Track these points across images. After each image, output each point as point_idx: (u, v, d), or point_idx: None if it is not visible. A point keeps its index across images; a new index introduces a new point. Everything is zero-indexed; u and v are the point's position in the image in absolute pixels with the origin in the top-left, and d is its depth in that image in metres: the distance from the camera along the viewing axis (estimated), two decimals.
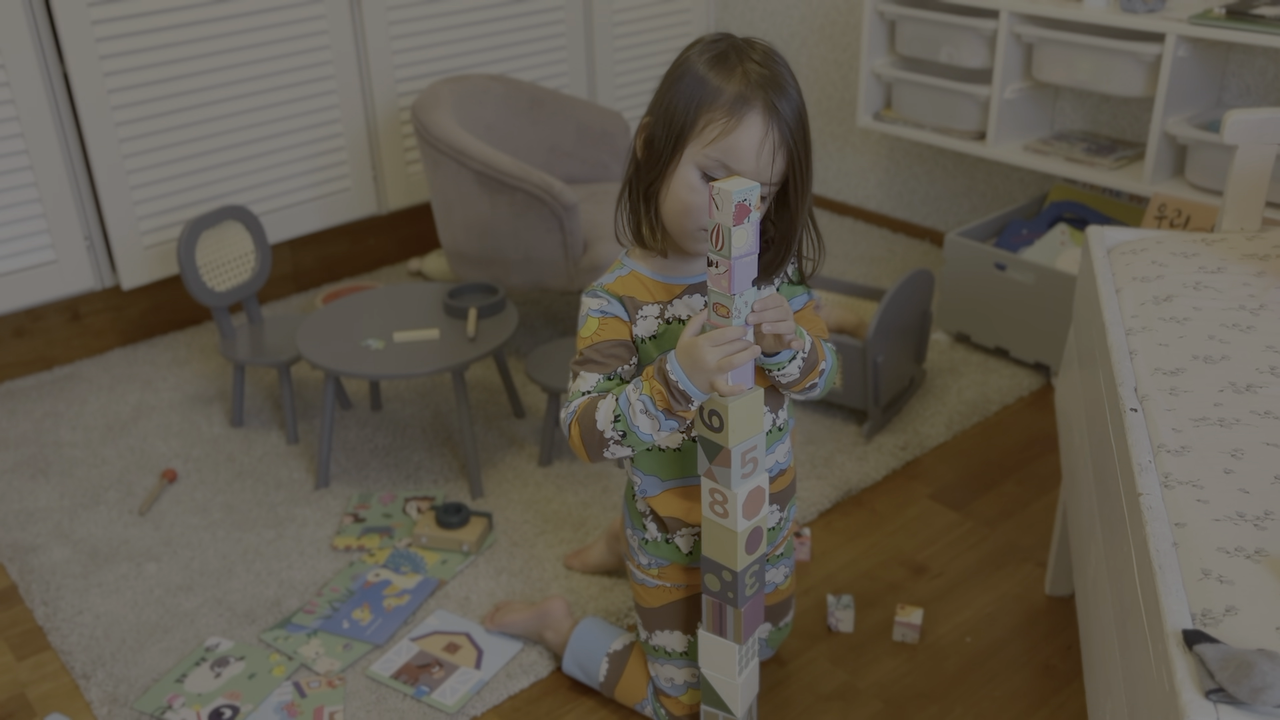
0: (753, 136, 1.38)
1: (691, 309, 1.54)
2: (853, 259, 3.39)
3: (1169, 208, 2.51)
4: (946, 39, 2.91)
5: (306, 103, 3.02)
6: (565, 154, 3.02)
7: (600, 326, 1.52)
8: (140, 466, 2.49)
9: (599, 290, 1.55)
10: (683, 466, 1.62)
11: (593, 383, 1.50)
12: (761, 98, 1.38)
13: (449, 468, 2.47)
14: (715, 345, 1.37)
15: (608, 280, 1.56)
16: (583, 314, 1.56)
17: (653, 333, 1.54)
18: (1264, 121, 1.79)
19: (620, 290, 1.54)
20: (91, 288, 2.87)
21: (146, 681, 1.91)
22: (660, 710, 1.77)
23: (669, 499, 1.65)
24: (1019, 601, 2.05)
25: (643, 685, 1.80)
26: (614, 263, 1.60)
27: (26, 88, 2.62)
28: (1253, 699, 0.93)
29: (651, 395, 1.41)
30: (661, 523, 1.67)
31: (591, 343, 1.52)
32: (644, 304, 1.53)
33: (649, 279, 1.54)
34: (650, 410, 1.41)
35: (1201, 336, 1.49)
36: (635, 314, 1.54)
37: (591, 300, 1.55)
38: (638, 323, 1.54)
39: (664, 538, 1.69)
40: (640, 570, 1.74)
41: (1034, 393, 2.69)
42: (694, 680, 1.75)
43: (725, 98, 1.38)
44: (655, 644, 1.76)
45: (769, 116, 1.38)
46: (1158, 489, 1.22)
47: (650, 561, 1.71)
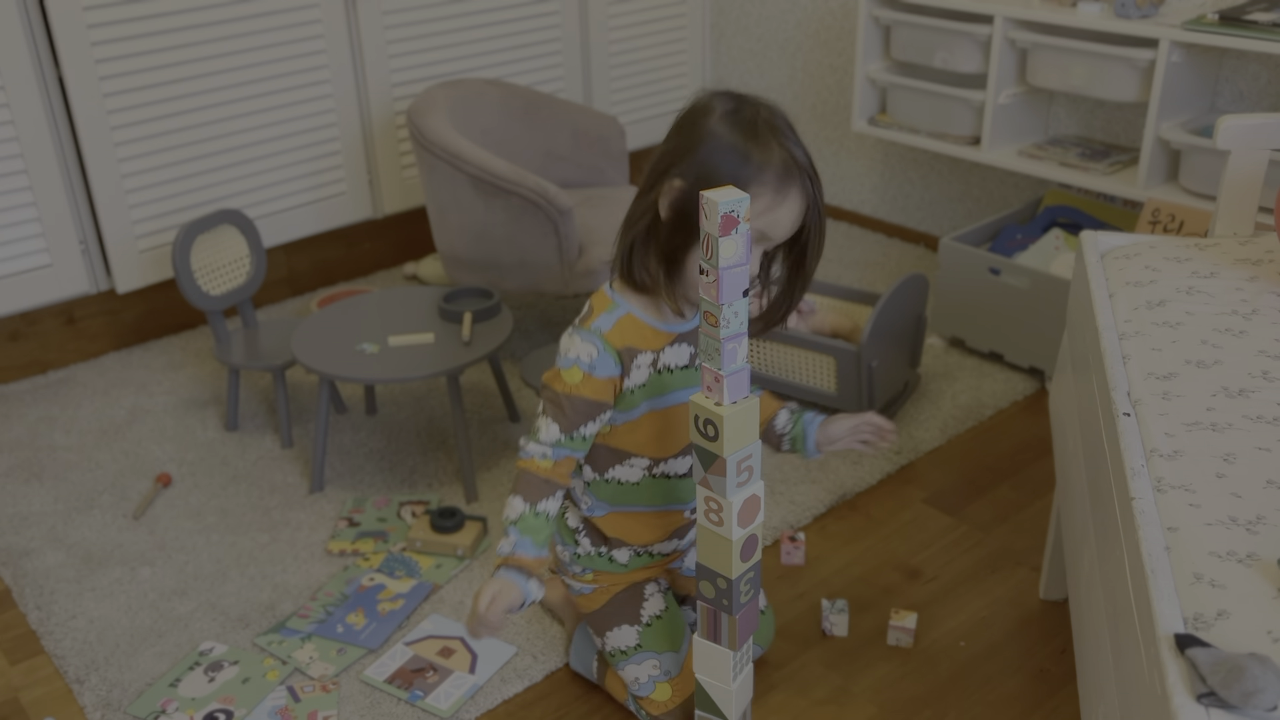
0: (794, 212, 1.50)
1: (680, 358, 1.60)
2: (847, 264, 3.40)
3: (1162, 213, 2.51)
4: (941, 44, 2.92)
5: (302, 107, 3.02)
6: (561, 158, 3.02)
7: (583, 381, 1.55)
8: (134, 470, 2.49)
9: (596, 337, 1.55)
10: (635, 496, 1.71)
11: (555, 436, 1.57)
12: (799, 175, 1.48)
13: (444, 472, 2.47)
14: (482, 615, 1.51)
15: (605, 326, 1.56)
16: (570, 354, 1.56)
17: (643, 382, 1.59)
18: (1257, 127, 1.80)
19: (619, 341, 1.55)
20: (86, 291, 2.87)
21: (140, 686, 1.91)
22: (641, 711, 1.79)
23: (616, 520, 1.73)
24: (1013, 606, 2.05)
25: (623, 686, 1.82)
26: (602, 297, 1.59)
27: (22, 92, 2.61)
28: (1244, 703, 0.93)
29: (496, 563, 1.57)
30: (598, 538, 1.76)
31: (569, 393, 1.55)
32: (640, 352, 1.57)
33: (644, 324, 1.57)
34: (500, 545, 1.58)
35: (1194, 341, 1.50)
36: (630, 364, 1.57)
37: (584, 347, 1.55)
38: (632, 373, 1.58)
39: (597, 551, 1.77)
40: (576, 580, 1.81)
41: (1028, 397, 2.70)
42: (657, 673, 1.76)
43: (770, 175, 1.46)
44: (610, 649, 1.79)
45: (805, 193, 1.50)
46: (1150, 493, 1.22)
47: (584, 568, 1.79)
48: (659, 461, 1.69)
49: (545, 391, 1.59)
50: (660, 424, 1.65)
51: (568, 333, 1.58)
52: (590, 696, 1.88)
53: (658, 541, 1.77)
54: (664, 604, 1.81)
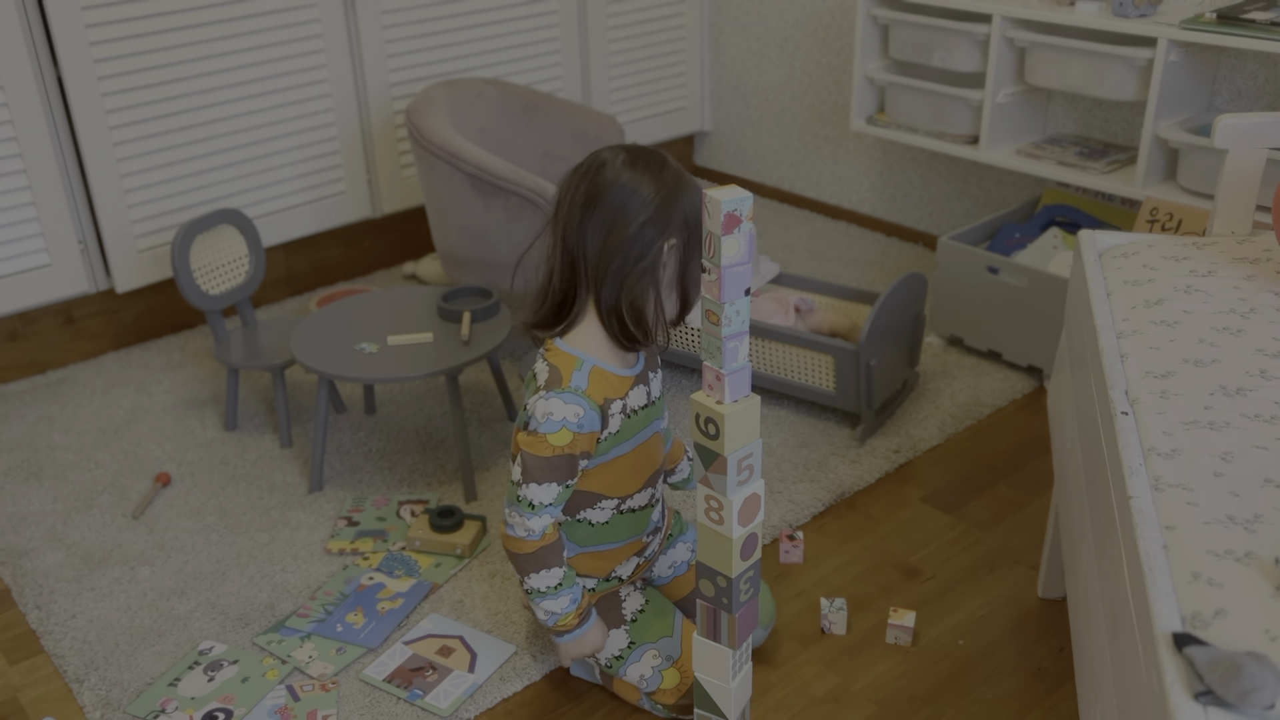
0: None
1: (640, 399, 1.69)
2: (846, 263, 3.40)
3: (1160, 211, 2.52)
4: (939, 43, 2.92)
5: (301, 106, 3.02)
6: (560, 158, 3.02)
7: (573, 441, 1.61)
8: (134, 470, 2.49)
9: (579, 397, 1.60)
10: (604, 535, 1.77)
11: (554, 494, 1.63)
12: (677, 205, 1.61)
13: (443, 471, 2.47)
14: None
15: (582, 384, 1.61)
16: (552, 418, 1.60)
17: (617, 429, 1.67)
18: (1254, 126, 1.80)
19: (598, 396, 1.62)
20: (85, 291, 2.87)
21: (139, 685, 1.91)
22: (658, 706, 1.80)
23: (583, 559, 1.79)
24: (1011, 604, 2.05)
25: (634, 689, 1.82)
26: (562, 356, 1.63)
27: (21, 91, 2.61)
28: (1241, 701, 0.94)
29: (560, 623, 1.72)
30: None
31: (561, 453, 1.60)
32: (613, 400, 1.65)
33: (609, 373, 1.64)
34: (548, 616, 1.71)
35: (1192, 340, 1.50)
36: (607, 414, 1.64)
37: (569, 409, 1.59)
38: (609, 422, 1.65)
39: None
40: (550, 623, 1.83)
41: (1026, 396, 2.70)
42: (659, 662, 1.78)
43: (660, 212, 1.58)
44: (606, 660, 1.81)
45: None
46: (1148, 492, 1.22)
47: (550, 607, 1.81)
48: (625, 499, 1.76)
49: (526, 458, 1.62)
50: (628, 464, 1.72)
51: (540, 397, 1.61)
52: (589, 695, 1.88)
53: (620, 565, 1.84)
54: (644, 598, 1.84)
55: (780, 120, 3.76)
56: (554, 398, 1.60)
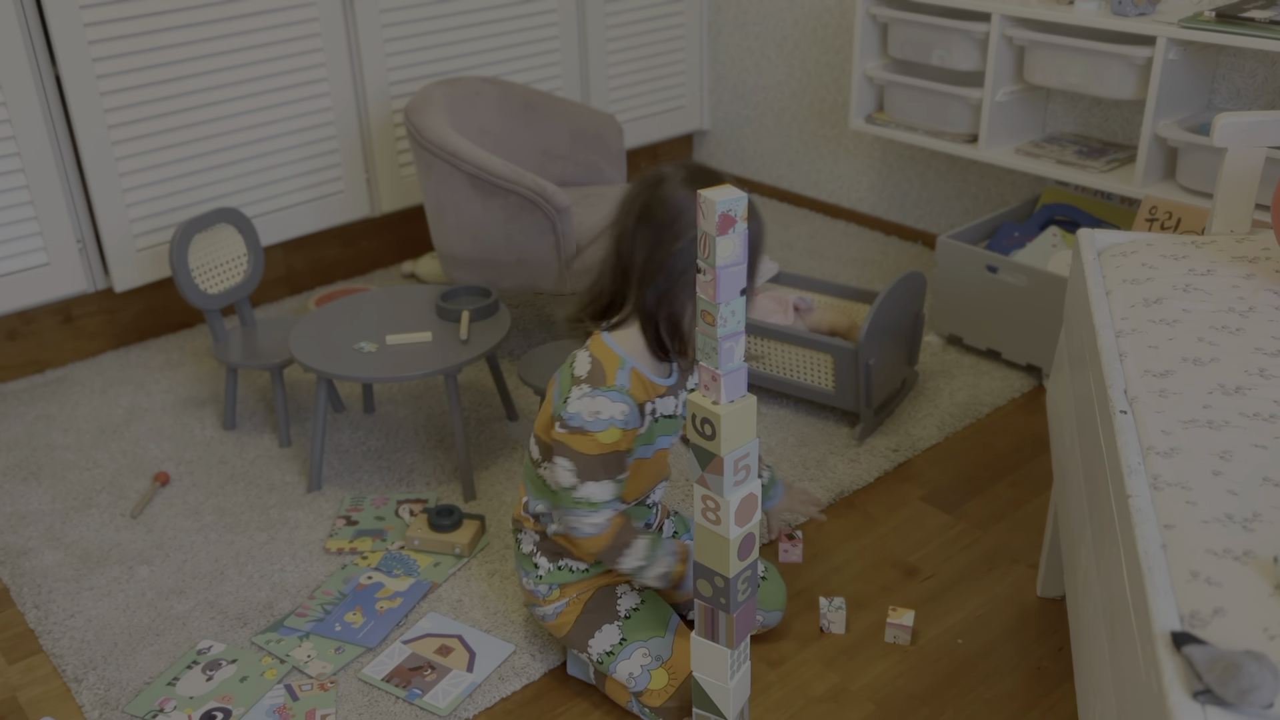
0: None
1: (668, 408, 1.74)
2: (845, 261, 3.40)
3: (1160, 210, 2.52)
4: (938, 42, 2.92)
5: (299, 105, 3.02)
6: (558, 157, 3.02)
7: (621, 438, 1.66)
8: (132, 470, 2.49)
9: (624, 396, 1.66)
10: None
11: (610, 490, 1.67)
12: None
13: (442, 470, 2.47)
14: None
15: (625, 383, 1.66)
16: (600, 416, 1.64)
17: (645, 430, 1.72)
18: (1254, 124, 1.80)
19: (639, 396, 1.68)
20: (84, 290, 2.87)
21: (138, 685, 1.91)
22: (645, 709, 1.79)
23: None
24: (1010, 603, 2.05)
25: (623, 688, 1.83)
26: (606, 352, 1.68)
27: (19, 90, 2.61)
28: (1240, 700, 0.94)
29: (673, 576, 1.75)
30: (554, 554, 1.83)
31: (613, 450, 1.65)
32: (646, 402, 1.71)
33: (647, 378, 1.69)
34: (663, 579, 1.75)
35: (1191, 339, 1.50)
36: (644, 414, 1.70)
37: (615, 407, 1.65)
38: (644, 421, 1.71)
39: (555, 566, 1.83)
40: (544, 604, 1.85)
41: (1025, 395, 2.70)
42: (649, 660, 1.78)
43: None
44: (598, 655, 1.81)
45: None
46: (1147, 491, 1.22)
47: (549, 588, 1.84)
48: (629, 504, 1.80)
49: (576, 458, 1.65)
50: (643, 469, 1.77)
51: (585, 394, 1.65)
52: (588, 694, 1.88)
53: None
54: (640, 598, 1.85)
55: (779, 119, 3.75)
56: (600, 396, 1.64)
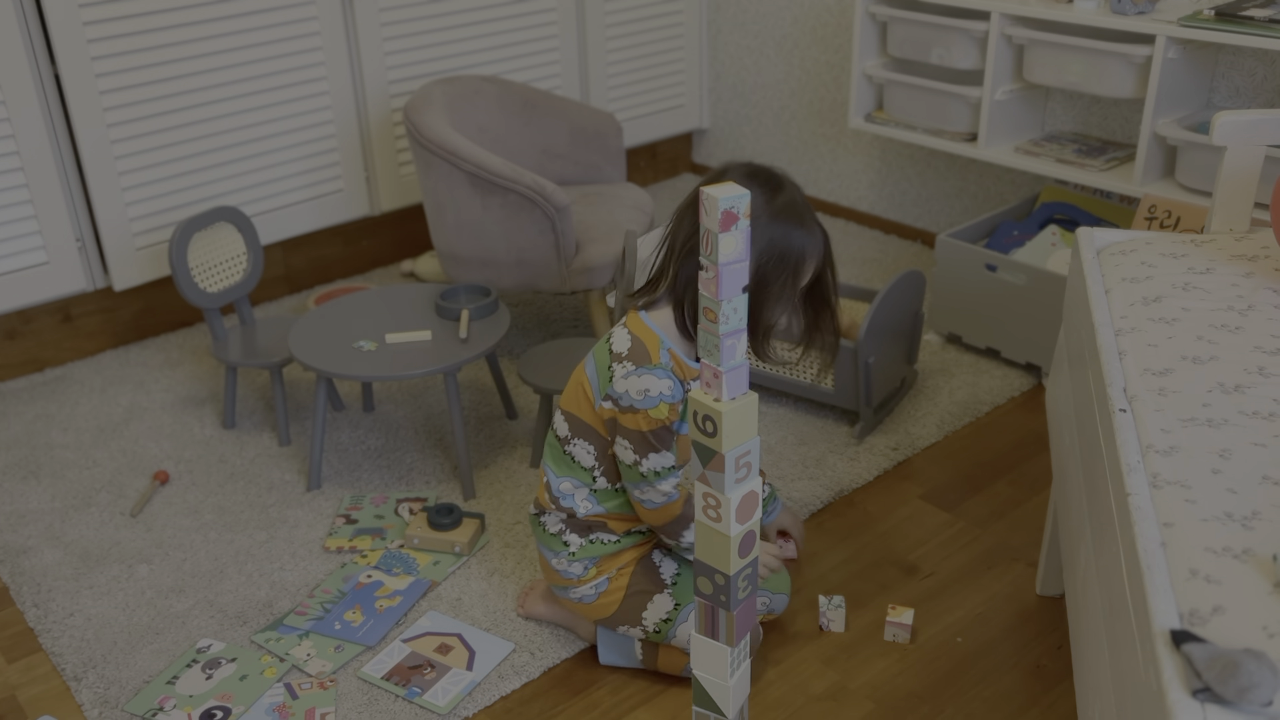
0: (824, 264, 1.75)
1: None
2: (845, 260, 3.40)
3: (1159, 209, 2.52)
4: (937, 40, 2.92)
5: (299, 104, 3.02)
6: (558, 156, 3.02)
7: (671, 411, 1.71)
8: (132, 468, 2.49)
9: (669, 373, 1.71)
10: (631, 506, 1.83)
11: (669, 459, 1.72)
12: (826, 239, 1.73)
13: (441, 469, 2.47)
14: None
15: (668, 361, 1.72)
16: (649, 394, 1.70)
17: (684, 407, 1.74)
18: (1253, 123, 1.80)
19: (681, 375, 1.73)
20: (83, 289, 2.87)
21: (138, 683, 1.91)
22: None
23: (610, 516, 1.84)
24: (1010, 601, 2.05)
25: (682, 654, 1.85)
26: (646, 331, 1.73)
27: (18, 89, 2.61)
28: (1239, 698, 0.94)
29: None
30: (583, 529, 1.83)
31: (666, 424, 1.70)
32: (683, 382, 1.73)
33: (684, 362, 1.73)
34: None
35: (1190, 337, 1.50)
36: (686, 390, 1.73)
37: (661, 382, 1.70)
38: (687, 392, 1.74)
39: (587, 540, 1.84)
40: (583, 585, 1.85)
41: (1025, 393, 2.70)
42: None
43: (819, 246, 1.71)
44: (654, 626, 1.83)
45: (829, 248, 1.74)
46: (1146, 489, 1.22)
47: (584, 567, 1.84)
48: None
49: (635, 437, 1.71)
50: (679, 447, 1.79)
51: (633, 373, 1.70)
52: (588, 693, 1.88)
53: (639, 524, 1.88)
54: (677, 563, 1.88)
55: (779, 118, 3.75)
56: (646, 374, 1.69)
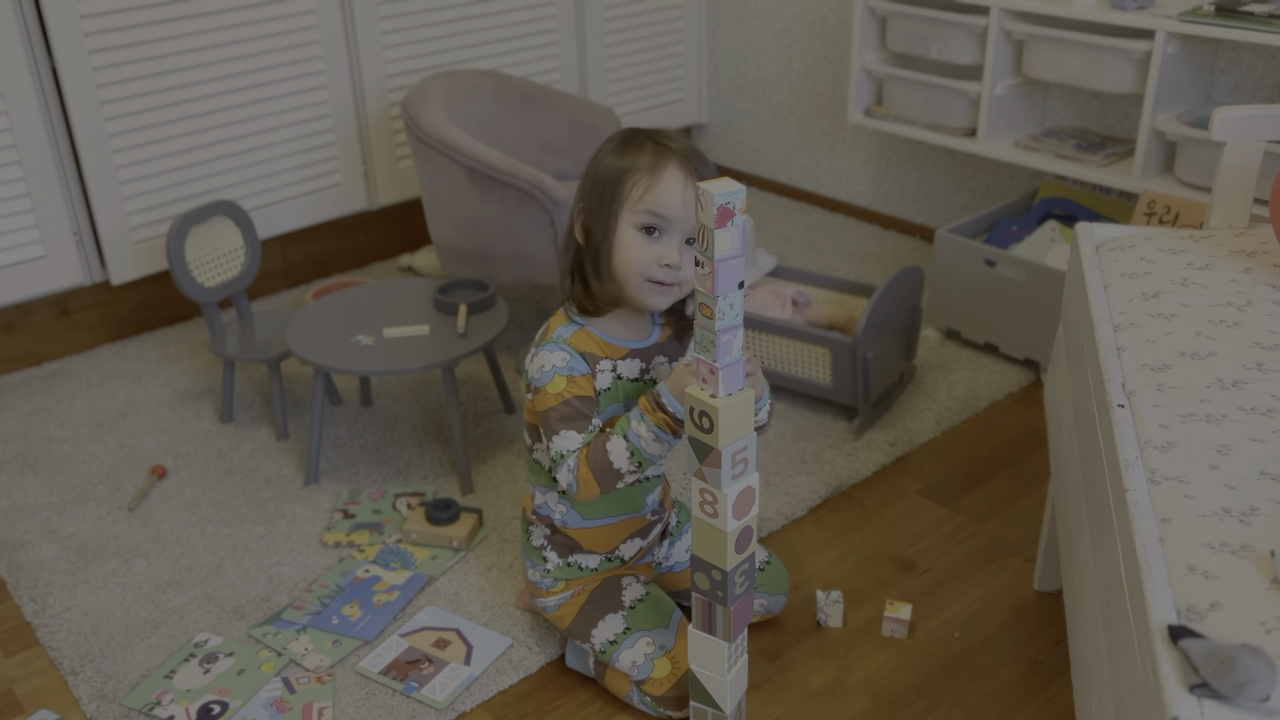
0: (674, 182, 1.57)
1: (632, 371, 1.71)
2: (843, 255, 3.40)
3: (1158, 204, 2.51)
4: (937, 35, 2.92)
5: (297, 97, 3.02)
6: (556, 150, 3.02)
7: (569, 384, 1.64)
8: (129, 463, 2.49)
9: (561, 344, 1.66)
10: (606, 507, 1.79)
11: (578, 441, 1.64)
12: (675, 152, 1.58)
13: (439, 464, 2.47)
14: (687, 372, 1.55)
15: (565, 334, 1.67)
16: (544, 369, 1.65)
17: (608, 386, 1.69)
18: (1252, 118, 1.80)
19: (580, 346, 1.66)
20: (80, 283, 2.87)
21: (135, 678, 1.91)
22: (645, 698, 1.79)
23: (588, 534, 1.81)
24: (1008, 597, 2.05)
25: (625, 680, 1.82)
26: (558, 317, 1.71)
27: (14, 82, 2.60)
28: (1236, 694, 0.94)
29: (660, 425, 1.59)
30: (565, 549, 1.82)
31: (564, 399, 1.63)
32: (600, 359, 1.68)
33: (599, 338, 1.69)
34: (661, 437, 1.59)
35: (1189, 333, 1.50)
36: (595, 368, 1.68)
37: (554, 355, 1.65)
38: (597, 376, 1.68)
39: (565, 562, 1.83)
40: (548, 595, 1.85)
41: (1023, 389, 2.70)
42: (652, 649, 1.78)
43: (643, 161, 1.58)
44: (601, 645, 1.81)
45: (685, 164, 1.57)
46: (1144, 485, 1.22)
47: (554, 580, 1.84)
48: None
49: (542, 419, 1.67)
50: None
51: (530, 356, 1.68)
52: (585, 688, 1.88)
53: (623, 543, 1.85)
54: (644, 590, 1.85)
55: (778, 112, 3.75)
56: (541, 351, 1.66)
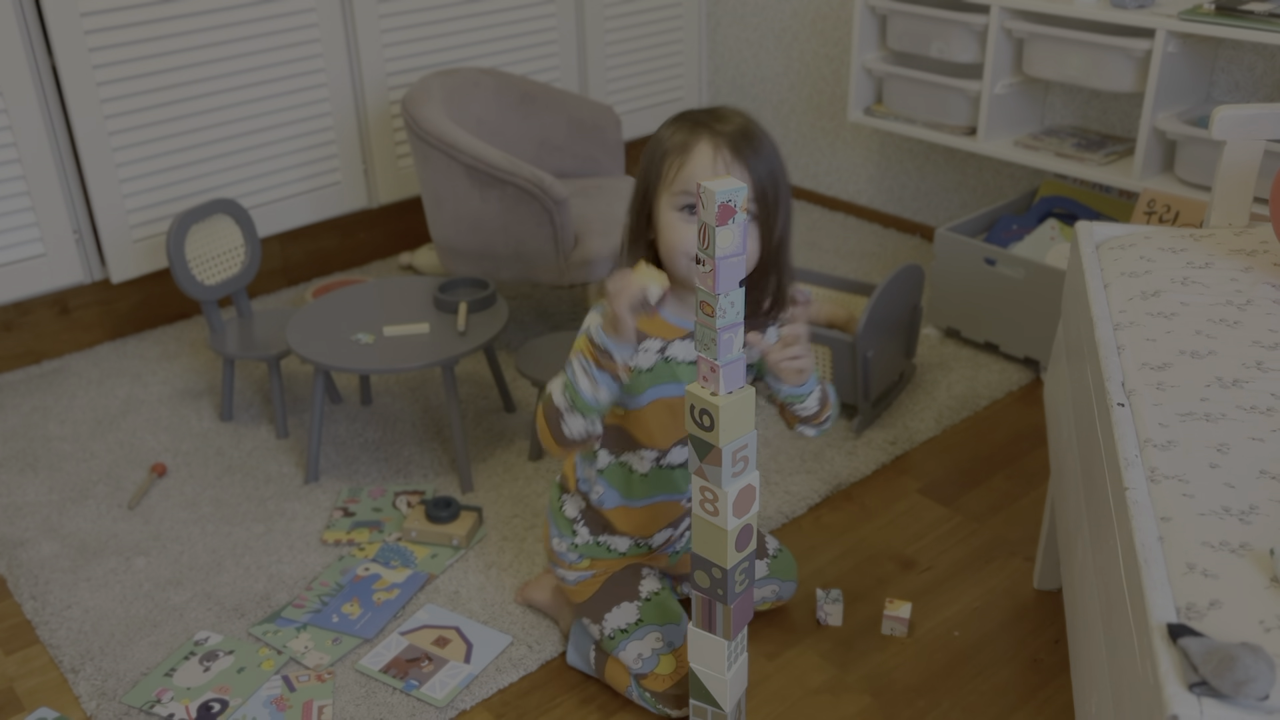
0: (703, 160, 1.53)
1: (688, 354, 1.67)
2: (843, 254, 3.40)
3: (1158, 203, 2.51)
4: (937, 34, 2.92)
5: (297, 96, 3.01)
6: (556, 148, 3.02)
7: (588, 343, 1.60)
8: (129, 461, 2.49)
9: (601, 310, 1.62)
10: (642, 488, 1.77)
11: (560, 383, 1.61)
12: (705, 129, 1.54)
13: (439, 462, 2.47)
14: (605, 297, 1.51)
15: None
16: (582, 328, 1.63)
17: (650, 366, 1.67)
18: (1252, 117, 1.80)
19: (644, 327, 1.63)
20: (80, 281, 2.86)
21: (135, 676, 1.91)
22: (645, 694, 1.79)
23: (622, 514, 1.80)
24: (1007, 595, 2.05)
25: (624, 673, 1.82)
26: None
27: (14, 80, 2.60)
28: (1235, 692, 0.94)
29: (585, 354, 1.55)
30: (598, 527, 1.81)
31: (578, 353, 1.60)
32: (648, 336, 1.65)
33: (658, 317, 1.65)
34: (587, 370, 1.55)
35: (1188, 332, 1.50)
36: (639, 344, 1.65)
37: (592, 317, 1.62)
38: (639, 355, 1.66)
39: (595, 540, 1.82)
40: (571, 569, 1.85)
41: (1023, 388, 2.70)
42: (660, 645, 1.78)
43: (677, 140, 1.55)
44: (610, 631, 1.81)
45: (714, 139, 1.53)
46: (1144, 483, 1.22)
47: (580, 555, 1.83)
48: (665, 453, 1.76)
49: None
50: (666, 415, 1.71)
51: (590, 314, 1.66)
52: (585, 686, 1.88)
53: (657, 531, 1.84)
54: (660, 584, 1.85)
55: (778, 111, 3.75)
56: (596, 309, 1.62)
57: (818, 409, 1.69)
